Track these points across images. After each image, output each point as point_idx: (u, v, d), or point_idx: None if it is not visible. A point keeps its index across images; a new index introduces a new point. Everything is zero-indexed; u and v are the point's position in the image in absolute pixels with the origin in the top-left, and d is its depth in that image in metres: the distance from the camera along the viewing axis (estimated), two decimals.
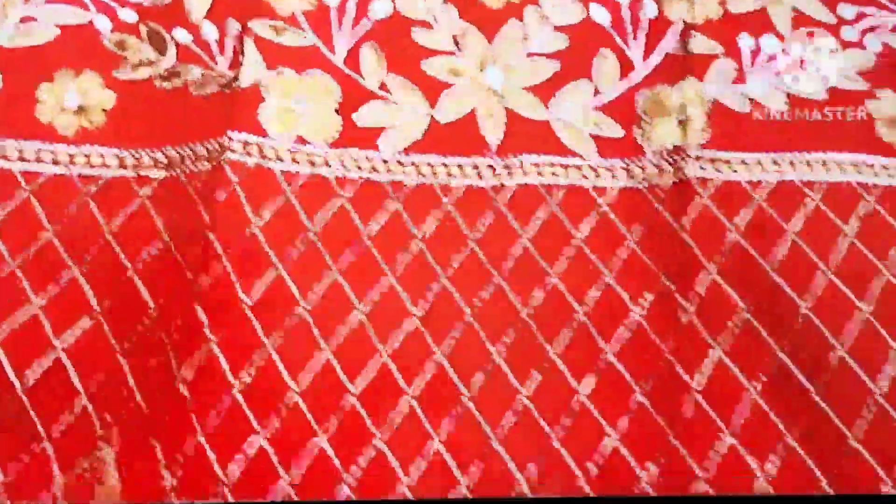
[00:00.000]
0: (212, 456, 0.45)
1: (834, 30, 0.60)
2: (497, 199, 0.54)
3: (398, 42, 0.59)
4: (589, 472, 0.47)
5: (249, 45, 0.57)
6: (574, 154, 0.56)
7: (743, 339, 0.49)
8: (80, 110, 0.56)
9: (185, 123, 0.56)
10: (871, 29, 0.60)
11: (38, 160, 0.54)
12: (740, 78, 0.58)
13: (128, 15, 0.60)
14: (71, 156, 0.55)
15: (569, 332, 0.50)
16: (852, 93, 0.57)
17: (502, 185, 0.55)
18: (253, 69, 0.56)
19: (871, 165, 0.54)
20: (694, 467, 0.46)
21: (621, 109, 0.58)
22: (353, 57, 0.59)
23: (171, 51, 0.59)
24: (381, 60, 0.58)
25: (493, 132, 0.56)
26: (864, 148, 0.55)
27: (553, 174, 0.55)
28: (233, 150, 0.53)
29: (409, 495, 0.46)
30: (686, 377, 0.48)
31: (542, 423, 0.48)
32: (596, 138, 0.57)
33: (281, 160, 0.54)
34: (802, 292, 0.50)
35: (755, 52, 0.59)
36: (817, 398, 0.47)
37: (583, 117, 0.57)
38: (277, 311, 0.49)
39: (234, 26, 0.59)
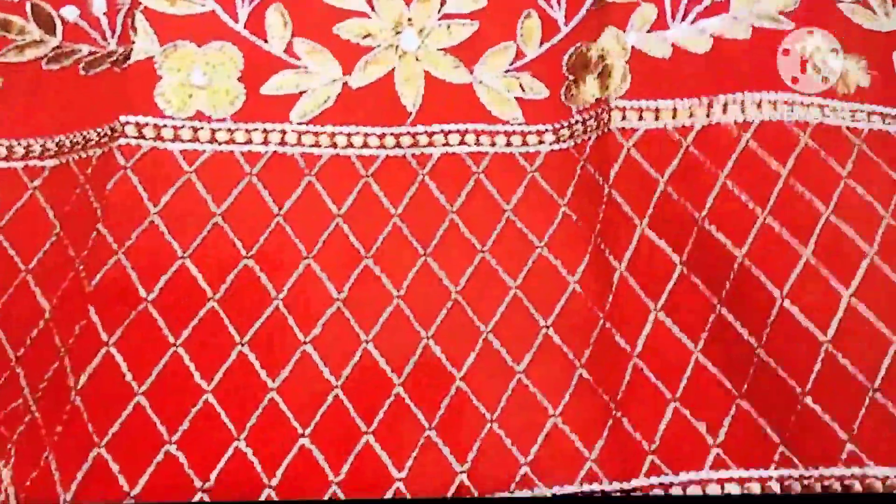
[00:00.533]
0: (114, 467, 0.41)
1: None
2: (420, 169, 0.51)
3: (307, 4, 0.55)
4: (532, 454, 0.44)
5: (140, 18, 0.52)
6: (500, 120, 0.53)
7: (680, 296, 0.47)
8: None
9: (76, 107, 0.52)
10: None
11: None
12: (662, 24, 0.55)
13: None
14: None
15: (502, 307, 0.48)
16: (776, 32, 0.54)
17: (424, 155, 0.51)
18: (145, 44, 0.51)
19: (805, 105, 0.52)
20: (643, 443, 0.44)
21: (547, 70, 0.54)
22: (256, 21, 0.54)
23: (59, 29, 0.54)
24: (288, 24, 0.54)
25: (411, 98, 0.53)
26: (792, 87, 0.52)
27: (478, 142, 0.52)
28: (125, 135, 0.49)
29: (340, 494, 0.43)
30: (624, 342, 0.46)
31: (480, 407, 0.45)
32: (521, 102, 0.53)
33: (180, 140, 0.50)
34: (739, 240, 0.47)
35: None
36: (763, 354, 0.45)
37: (507, 80, 0.54)
38: (183, 306, 0.45)
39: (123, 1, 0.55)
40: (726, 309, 0.46)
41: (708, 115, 0.51)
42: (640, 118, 0.52)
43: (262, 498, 0.42)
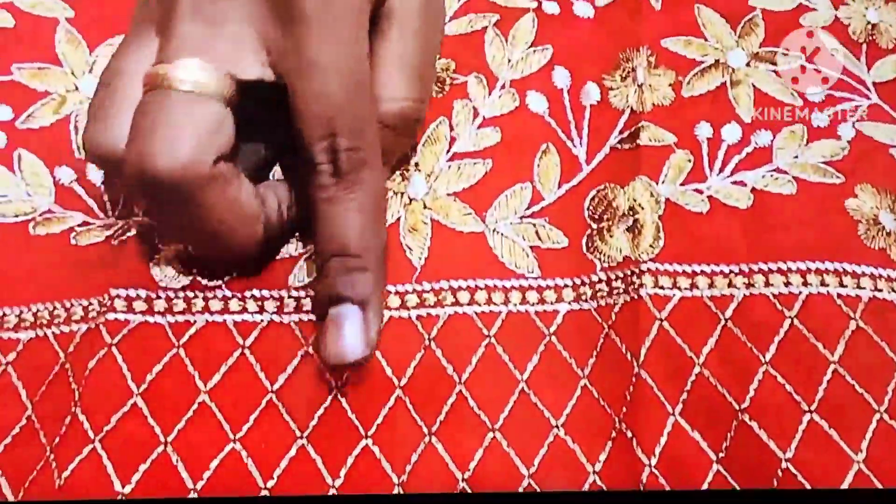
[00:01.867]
0: None
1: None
2: (426, 335, 0.46)
3: None
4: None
5: None
6: (513, 274, 0.48)
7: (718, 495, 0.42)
8: None
9: (62, 277, 0.48)
10: (843, 114, 0.52)
11: None
12: (698, 174, 0.50)
13: None
14: None
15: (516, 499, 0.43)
16: (824, 186, 0.49)
17: (431, 317, 0.47)
18: (148, 220, 0.48)
19: (855, 276, 0.47)
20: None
21: (566, 215, 0.50)
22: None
23: (50, 190, 0.50)
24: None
25: (416, 251, 0.49)
26: (845, 254, 0.47)
27: (489, 301, 0.47)
28: (113, 310, 0.45)
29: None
30: None
31: None
32: (538, 251, 0.49)
33: (171, 312, 0.46)
34: (783, 441, 0.42)
35: (714, 143, 0.51)
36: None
37: (521, 227, 0.49)
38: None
39: None
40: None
41: (748, 286, 0.46)
42: (675, 286, 0.47)
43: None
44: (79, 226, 0.49)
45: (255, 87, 0.41)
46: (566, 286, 0.48)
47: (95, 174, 0.51)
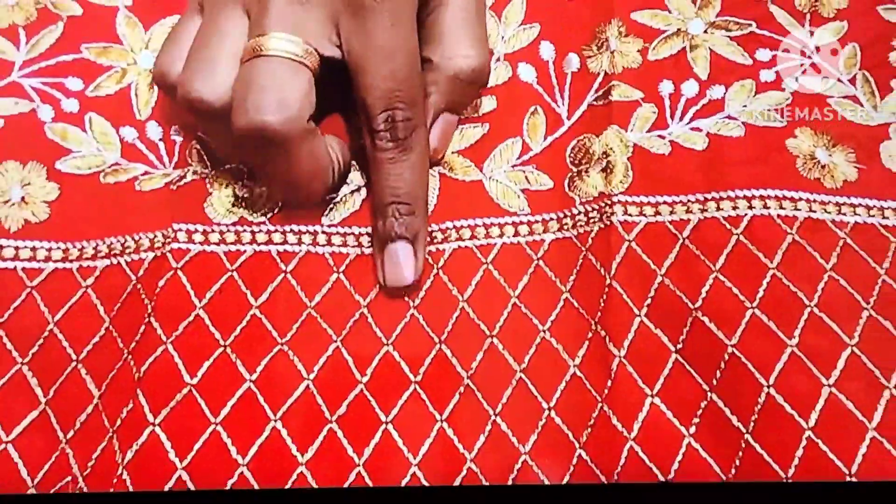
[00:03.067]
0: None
1: (752, 72, 0.62)
2: (434, 265, 0.56)
3: None
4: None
5: (197, 148, 0.59)
6: (507, 212, 0.58)
7: (674, 382, 0.51)
8: (24, 202, 0.58)
9: (129, 217, 0.58)
10: (788, 71, 0.62)
11: None
12: (661, 122, 0.59)
13: (72, 105, 0.61)
14: (16, 249, 0.56)
15: (510, 391, 0.52)
16: (769, 129, 0.59)
17: (438, 251, 0.56)
18: (199, 168, 0.58)
19: (793, 200, 0.56)
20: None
21: (551, 163, 0.59)
22: None
23: (117, 146, 0.60)
24: None
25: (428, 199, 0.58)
26: (784, 183, 0.56)
27: (487, 235, 0.57)
28: (176, 241, 0.55)
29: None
30: (621, 427, 0.50)
31: (483, 479, 0.49)
32: (528, 193, 0.58)
33: (224, 242, 0.55)
34: (730, 331, 0.51)
35: (675, 97, 0.61)
36: (751, 440, 0.49)
37: (513, 174, 0.59)
38: (222, 390, 0.51)
39: (180, 134, 0.61)
40: (716, 395, 0.50)
41: (703, 211, 0.56)
42: (641, 213, 0.56)
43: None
44: (141, 175, 0.59)
45: (326, 62, 0.51)
46: (551, 219, 0.57)
47: (154, 132, 0.60)
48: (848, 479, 0.47)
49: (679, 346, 0.52)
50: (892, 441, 0.48)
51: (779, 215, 0.55)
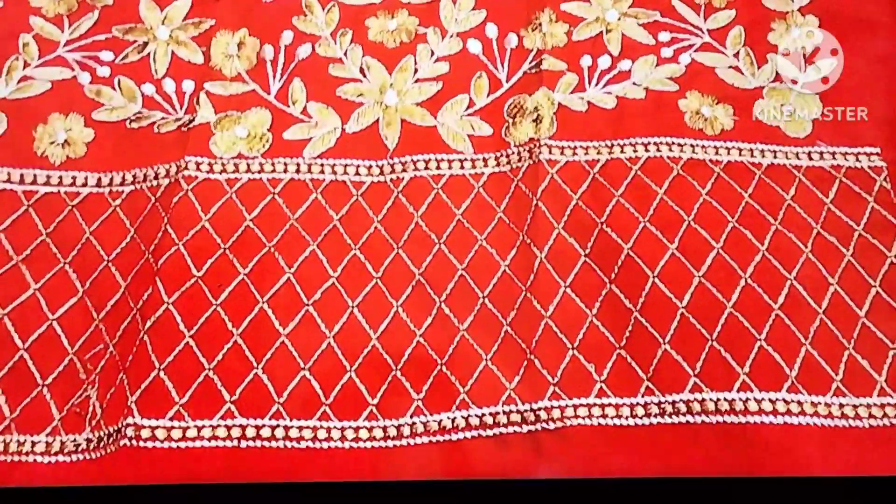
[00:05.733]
0: (169, 386, 0.59)
1: (654, 49, 0.77)
2: (395, 189, 0.70)
3: (318, 76, 0.75)
4: (468, 385, 0.61)
5: (203, 98, 0.73)
6: (455, 151, 0.72)
7: (582, 277, 0.64)
8: (66, 143, 0.72)
9: (150, 153, 0.72)
10: (683, 49, 0.77)
11: (34, 182, 0.70)
12: (581, 87, 0.74)
13: (104, 71, 0.76)
14: (60, 177, 0.70)
15: (452, 284, 0.65)
16: (665, 93, 0.73)
17: (398, 179, 0.70)
18: (206, 113, 0.72)
19: (680, 145, 0.70)
20: (548, 377, 0.61)
21: (491, 115, 0.74)
22: (283, 92, 0.74)
23: (139, 99, 0.74)
24: (304, 91, 0.74)
25: (391, 139, 0.72)
26: (674, 132, 0.71)
27: (438, 167, 0.71)
28: (187, 169, 0.68)
29: (331, 414, 0.60)
30: (540, 308, 0.63)
31: (433, 354, 0.62)
32: (472, 137, 0.72)
33: (225, 171, 0.69)
34: (626, 238, 0.65)
35: (592, 68, 0.75)
36: (638, 316, 0.62)
37: (461, 122, 0.73)
38: (221, 278, 0.64)
39: (190, 86, 0.75)
40: (615, 286, 0.64)
41: (610, 153, 0.70)
42: (562, 153, 0.70)
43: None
44: (159, 120, 0.73)
45: None
46: (490, 157, 0.72)
47: (169, 86, 0.75)
48: (711, 342, 0.60)
49: (587, 250, 0.66)
50: (745, 314, 0.62)
51: (668, 156, 0.70)
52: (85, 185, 0.70)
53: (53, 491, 0.59)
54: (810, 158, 0.71)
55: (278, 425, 0.60)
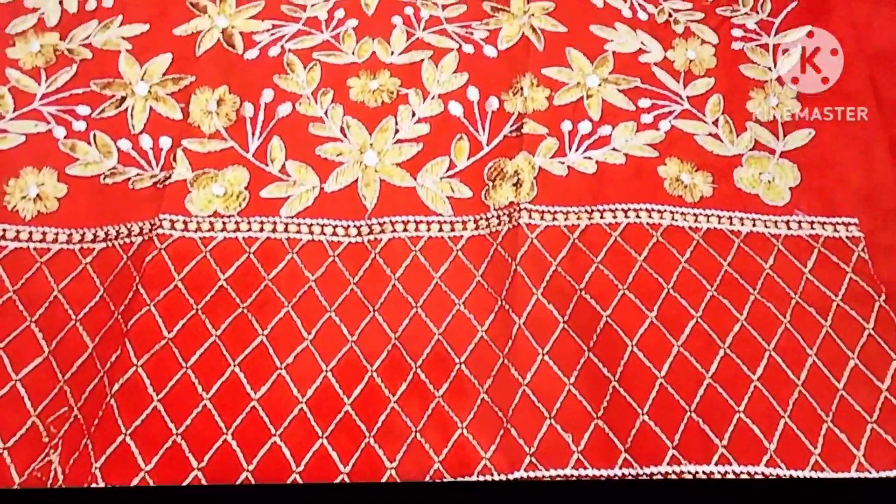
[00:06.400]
0: (135, 451, 0.57)
1: (635, 116, 0.77)
2: (373, 250, 0.69)
3: (298, 135, 0.75)
4: (443, 455, 0.60)
5: (180, 155, 0.73)
6: (435, 213, 0.71)
7: (560, 344, 0.64)
8: (38, 198, 0.70)
9: (124, 209, 0.70)
10: (663, 115, 0.78)
11: (3, 237, 0.68)
12: (561, 152, 0.74)
13: (80, 125, 0.75)
14: (30, 233, 0.69)
15: (428, 349, 0.64)
16: (644, 159, 0.74)
17: (377, 240, 0.69)
18: (182, 170, 0.72)
19: (659, 212, 0.70)
20: (524, 447, 0.60)
21: (471, 177, 0.73)
22: (261, 151, 0.74)
23: (115, 154, 0.73)
24: (283, 150, 0.74)
25: (370, 199, 0.71)
26: (653, 199, 0.71)
27: (416, 229, 0.70)
28: (161, 227, 0.67)
29: (301, 482, 0.58)
30: (518, 375, 0.62)
31: (408, 421, 0.61)
32: (451, 199, 0.72)
33: (200, 230, 0.68)
34: (605, 306, 0.65)
35: (573, 133, 0.76)
36: (616, 385, 0.61)
37: (441, 184, 0.73)
38: (193, 341, 0.62)
39: (167, 142, 0.74)
40: (593, 354, 0.63)
41: (590, 219, 0.70)
42: (542, 218, 0.70)
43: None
44: (134, 177, 0.72)
45: None
46: (469, 220, 0.71)
47: (145, 142, 0.74)
48: (689, 413, 0.59)
49: (566, 317, 0.65)
50: (724, 384, 0.61)
51: (647, 223, 0.70)
52: (56, 241, 0.69)
53: (53, 492, 0.57)
54: (789, 227, 0.71)
55: None
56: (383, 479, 0.59)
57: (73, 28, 0.80)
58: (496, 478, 0.59)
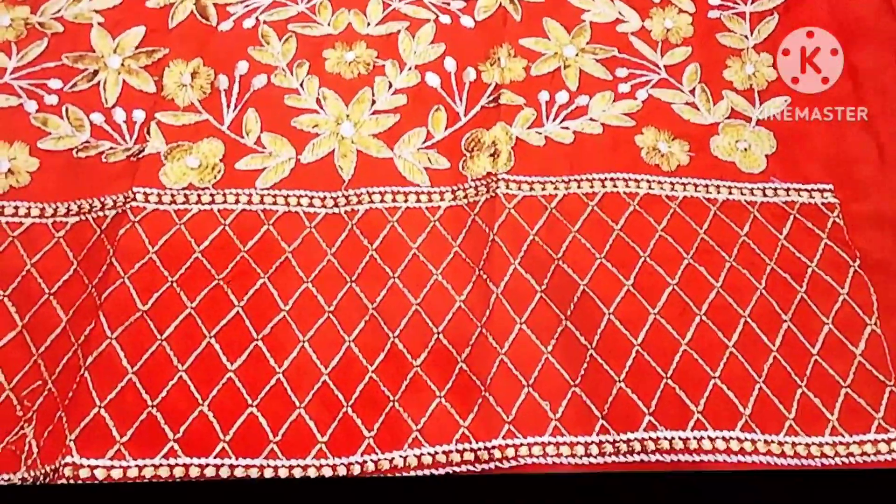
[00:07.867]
0: (110, 423, 0.57)
1: (612, 85, 0.77)
2: (350, 221, 0.68)
3: (273, 106, 0.74)
4: (421, 423, 0.60)
5: (154, 128, 0.72)
6: (412, 184, 0.71)
7: (538, 313, 0.64)
8: (10, 172, 0.69)
9: (97, 183, 0.69)
10: (640, 85, 0.77)
11: None
12: (538, 122, 0.74)
13: (52, 99, 0.74)
14: (2, 207, 0.68)
15: (406, 319, 0.64)
16: (622, 129, 0.74)
17: (354, 211, 0.69)
18: (156, 143, 0.71)
19: (636, 181, 0.70)
20: (503, 414, 0.60)
21: (449, 148, 0.73)
22: (237, 123, 0.73)
23: (87, 128, 0.73)
24: (258, 122, 0.73)
25: (347, 170, 0.71)
26: (630, 168, 0.71)
27: (394, 200, 0.70)
28: (135, 200, 0.67)
29: (279, 452, 0.58)
30: (495, 344, 0.62)
31: (386, 391, 0.61)
32: (429, 170, 0.72)
33: (174, 202, 0.67)
34: (582, 275, 0.65)
35: (550, 103, 0.75)
36: (594, 353, 0.61)
37: (418, 155, 0.72)
38: (168, 314, 0.62)
39: (141, 115, 0.73)
40: (570, 322, 0.63)
41: (567, 189, 0.70)
42: (520, 188, 0.70)
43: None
44: (108, 150, 0.71)
45: None
46: (446, 191, 0.71)
47: (119, 115, 0.73)
48: (665, 380, 0.60)
49: (543, 286, 0.65)
50: (700, 351, 0.61)
51: (624, 192, 0.70)
52: (28, 215, 0.68)
53: (52, 490, 0.56)
54: (765, 194, 0.71)
55: (223, 464, 0.57)
56: (361, 449, 0.59)
57: (44, 1, 0.79)
58: (475, 445, 0.59)
